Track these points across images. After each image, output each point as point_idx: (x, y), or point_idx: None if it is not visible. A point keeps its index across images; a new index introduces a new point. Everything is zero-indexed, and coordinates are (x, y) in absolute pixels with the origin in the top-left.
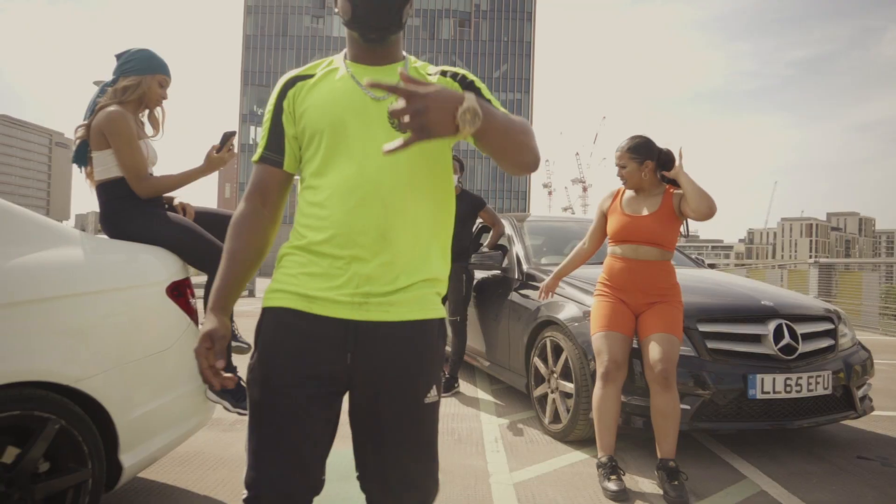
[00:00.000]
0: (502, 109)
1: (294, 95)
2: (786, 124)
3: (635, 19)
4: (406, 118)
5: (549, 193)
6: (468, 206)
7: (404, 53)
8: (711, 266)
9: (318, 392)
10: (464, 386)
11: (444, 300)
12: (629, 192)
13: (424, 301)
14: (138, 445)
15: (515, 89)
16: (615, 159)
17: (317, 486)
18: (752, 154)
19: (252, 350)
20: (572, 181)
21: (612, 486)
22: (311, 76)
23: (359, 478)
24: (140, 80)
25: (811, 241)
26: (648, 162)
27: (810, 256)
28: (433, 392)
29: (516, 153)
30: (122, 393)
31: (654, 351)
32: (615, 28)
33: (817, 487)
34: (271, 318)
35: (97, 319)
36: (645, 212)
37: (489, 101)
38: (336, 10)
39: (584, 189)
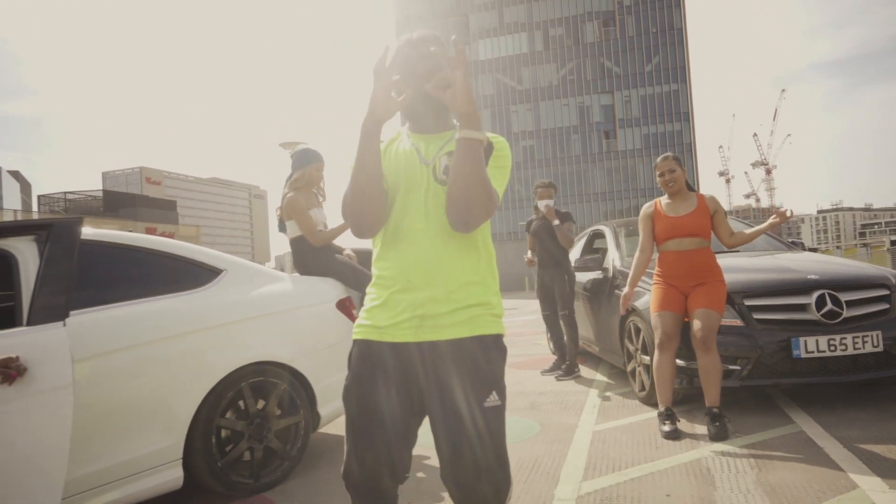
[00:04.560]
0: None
1: (383, 153)
2: None
3: None
4: (445, 80)
5: (727, 181)
6: (560, 220)
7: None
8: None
9: (402, 403)
10: (585, 371)
11: (550, 299)
12: (665, 200)
13: (476, 321)
14: (328, 404)
15: (671, 80)
16: (659, 169)
17: (401, 478)
18: None
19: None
20: (752, 165)
21: (665, 427)
22: (383, 141)
23: (441, 476)
24: (302, 172)
25: None
26: (685, 168)
27: None
28: (493, 397)
29: (476, 184)
30: (316, 369)
31: (696, 323)
32: None
33: (855, 427)
34: (357, 349)
35: (299, 324)
36: (684, 212)
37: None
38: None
39: (768, 171)
